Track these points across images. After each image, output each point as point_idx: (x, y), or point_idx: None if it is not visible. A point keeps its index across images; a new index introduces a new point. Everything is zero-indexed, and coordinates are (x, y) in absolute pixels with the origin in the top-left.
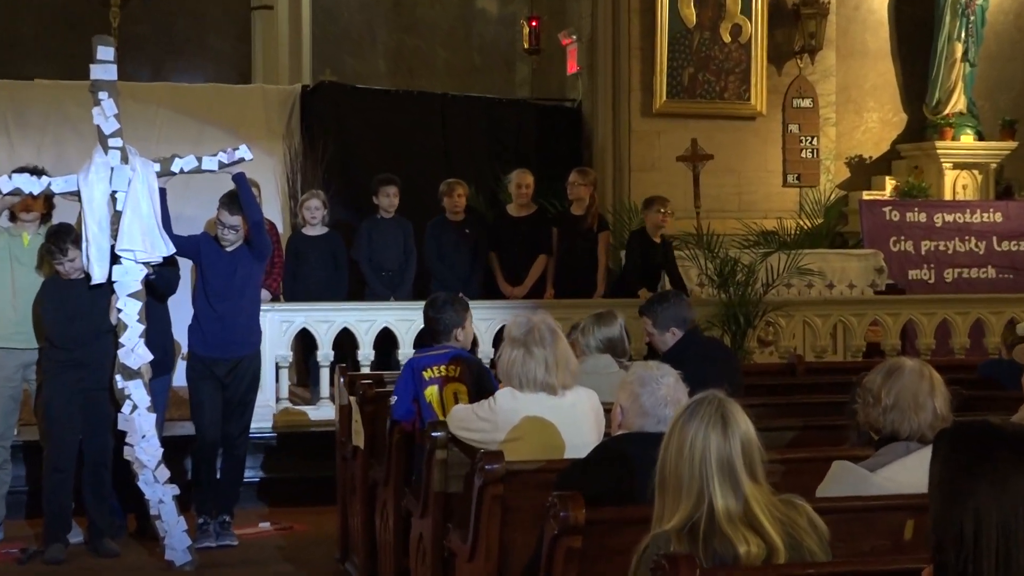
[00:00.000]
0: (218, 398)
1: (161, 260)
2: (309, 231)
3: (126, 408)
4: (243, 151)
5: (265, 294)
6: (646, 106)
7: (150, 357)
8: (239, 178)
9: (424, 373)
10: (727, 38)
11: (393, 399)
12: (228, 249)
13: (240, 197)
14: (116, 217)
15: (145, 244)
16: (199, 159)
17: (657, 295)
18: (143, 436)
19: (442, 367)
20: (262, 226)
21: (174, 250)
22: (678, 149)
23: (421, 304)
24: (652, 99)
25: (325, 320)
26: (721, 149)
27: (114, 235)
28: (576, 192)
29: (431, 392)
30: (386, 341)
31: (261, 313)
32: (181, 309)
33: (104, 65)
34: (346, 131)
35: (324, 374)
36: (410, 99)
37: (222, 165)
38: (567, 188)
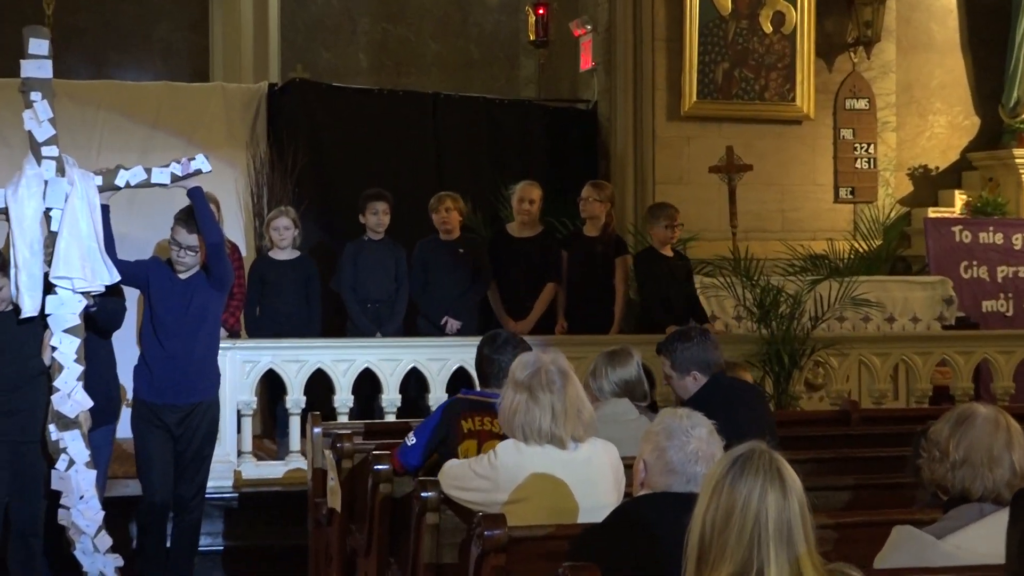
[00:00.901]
0: (169, 452)
1: (103, 289)
2: (277, 255)
3: (61, 464)
4: (200, 161)
5: (221, 331)
6: (673, 108)
7: (90, 404)
8: (195, 193)
9: (463, 423)
10: (768, 28)
11: (409, 439)
12: (183, 276)
13: (197, 216)
14: (51, 239)
15: (84, 271)
16: (148, 171)
17: (679, 331)
18: (81, 497)
19: (487, 419)
20: (222, 249)
21: (118, 277)
22: (711, 159)
23: (411, 343)
24: (680, 100)
25: (296, 360)
26: (761, 158)
27: (48, 260)
28: (590, 209)
29: (467, 448)
30: (366, 384)
31: (220, 352)
32: (126, 347)
33: (37, 61)
34: (321, 137)
35: (294, 424)
36: (396, 100)
37: (175, 178)
38: (579, 204)
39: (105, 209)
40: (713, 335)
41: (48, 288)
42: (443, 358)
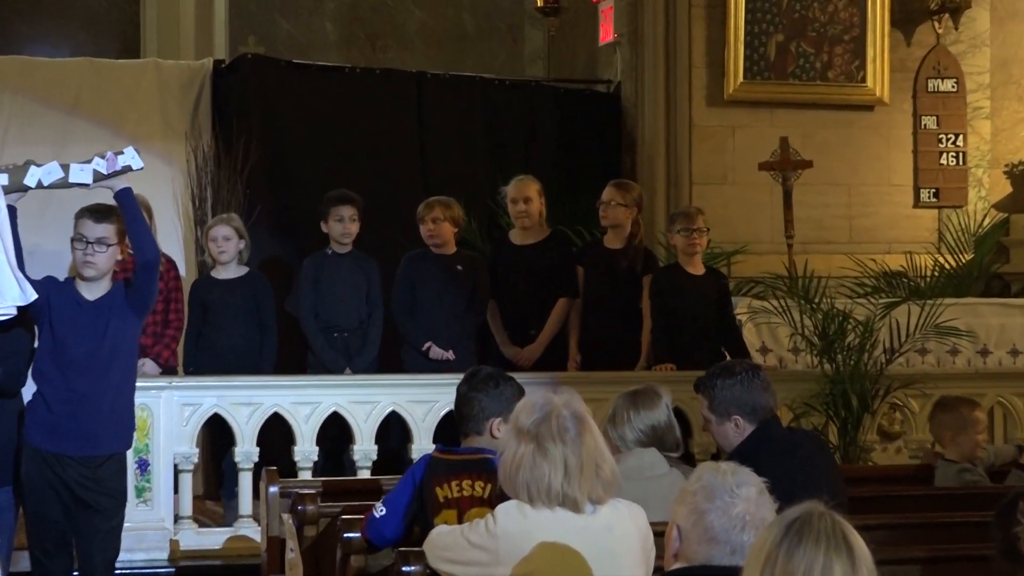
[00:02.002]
0: (64, 513)
1: (15, 313)
2: (220, 273)
3: None
4: (130, 156)
5: (152, 366)
6: (715, 91)
7: None
8: (125, 196)
9: (437, 490)
10: None
11: (378, 510)
12: (90, 297)
13: (127, 225)
14: None
15: None
16: (65, 168)
17: (722, 366)
18: None
19: (465, 482)
20: (156, 269)
21: (35, 295)
22: (761, 154)
23: (389, 380)
24: (723, 81)
25: (247, 402)
26: (824, 153)
27: None
28: (612, 216)
29: (444, 522)
30: (334, 432)
31: (153, 393)
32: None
33: None
34: (279, 127)
35: (245, 481)
36: (371, 80)
37: (99, 177)
38: (599, 210)
39: (11, 212)
40: (764, 373)
41: None
42: (430, 399)
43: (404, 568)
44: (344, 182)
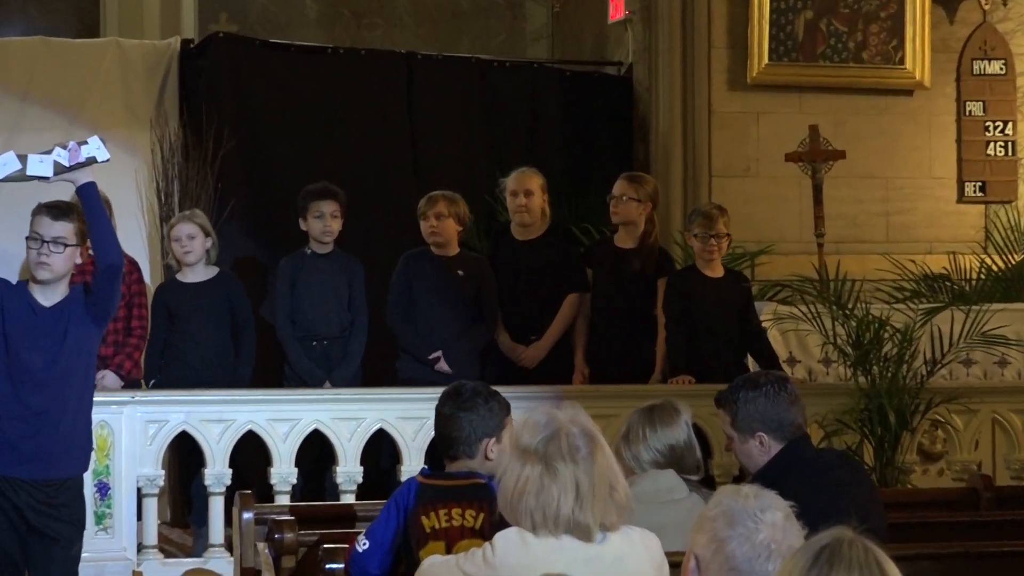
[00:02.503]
0: (17, 545)
1: None
2: (187, 275)
3: None
4: (95, 147)
5: (113, 379)
6: (737, 73)
7: None
8: (88, 192)
9: (423, 519)
10: None
11: (360, 543)
12: (46, 303)
13: (90, 224)
14: None
15: None
16: (22, 159)
17: (746, 378)
18: None
19: (455, 510)
20: (119, 275)
21: None
22: (788, 143)
23: (376, 395)
24: (746, 62)
25: (218, 419)
26: (858, 142)
27: None
28: (624, 212)
29: (432, 554)
30: (315, 449)
31: (114, 409)
32: None
33: None
34: (254, 113)
35: (216, 507)
36: (356, 62)
37: (61, 169)
38: (609, 206)
39: None
40: (792, 386)
41: None
42: (421, 416)
43: None
44: (326, 174)
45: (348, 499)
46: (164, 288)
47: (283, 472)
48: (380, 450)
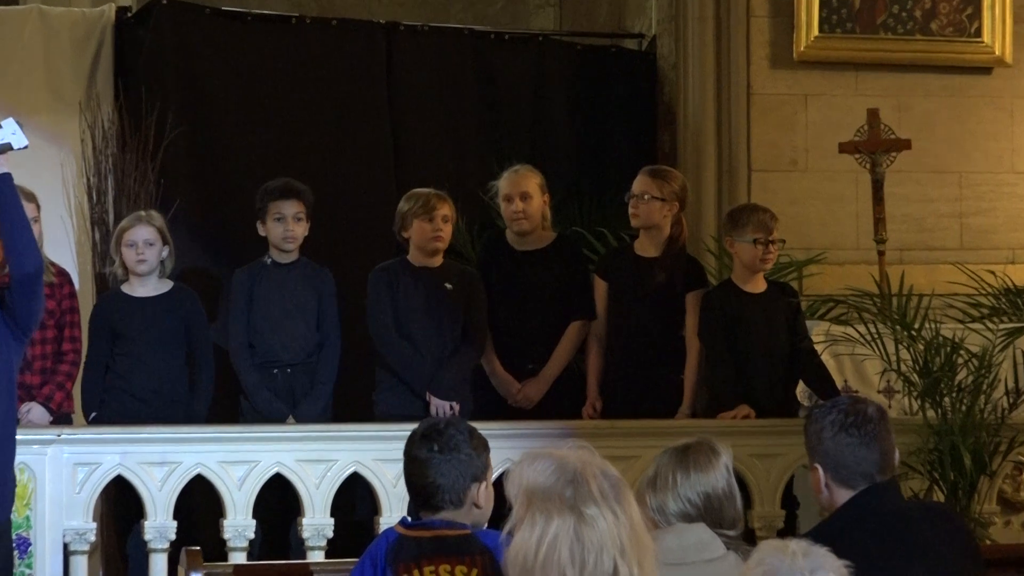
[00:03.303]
0: None
1: None
2: (137, 288)
3: None
4: (8, 131)
5: (41, 413)
6: (781, 48)
7: None
8: (2, 185)
9: None
10: None
11: None
12: None
13: (3, 222)
14: None
15: None
16: None
17: (833, 400)
18: None
19: (442, 567)
20: (39, 284)
21: None
22: (843, 131)
23: (349, 432)
24: (793, 34)
25: (160, 460)
26: (926, 130)
27: None
28: (646, 213)
29: None
30: (274, 495)
31: (36, 449)
32: None
33: None
34: (203, 95)
35: (158, 565)
36: (327, 33)
37: None
38: (628, 206)
39: None
40: (877, 425)
41: None
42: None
43: None
44: (289, 169)
45: (316, 557)
46: (108, 303)
47: (238, 524)
48: (355, 498)
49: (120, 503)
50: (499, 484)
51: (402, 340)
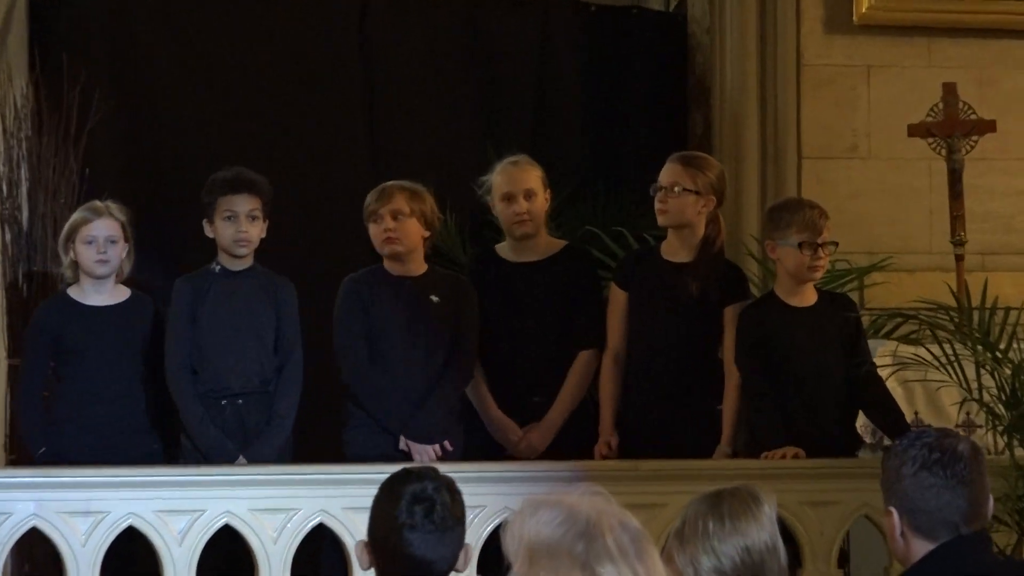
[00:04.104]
0: None
1: None
2: (89, 295)
3: None
4: None
5: None
6: (838, 10)
7: None
8: None
9: None
10: None
11: None
12: None
13: None
14: None
15: None
16: None
17: (917, 431)
18: None
19: None
20: None
21: None
22: (912, 110)
23: (314, 474)
24: None
25: (83, 510)
26: (1014, 109)
27: None
28: (677, 209)
29: None
30: (222, 549)
31: None
32: None
33: None
34: (138, 69)
35: None
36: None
37: None
38: (654, 201)
39: None
40: (968, 466)
41: None
42: None
43: None
44: (243, 157)
45: None
46: (53, 311)
47: None
48: (319, 555)
49: (36, 561)
50: (495, 537)
51: (373, 368)
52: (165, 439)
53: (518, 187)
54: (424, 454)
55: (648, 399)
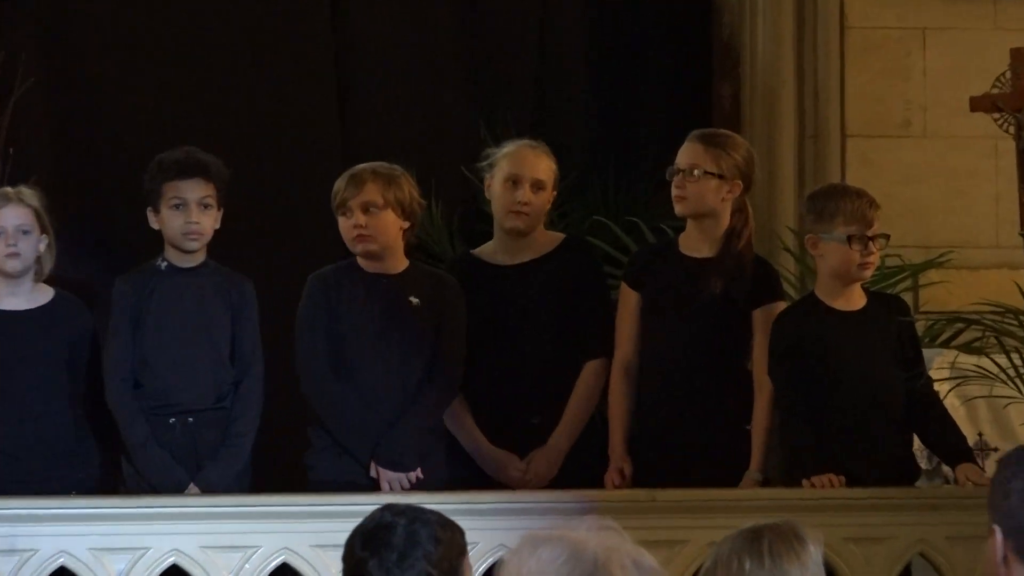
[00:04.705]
0: None
1: None
2: (2, 296)
3: None
4: None
5: None
6: None
7: None
8: None
9: None
10: None
11: None
12: None
13: None
14: None
15: None
16: None
17: (1015, 450)
18: None
19: None
20: None
21: None
22: (976, 80)
23: (270, 506)
24: None
25: (7, 548)
26: None
27: None
28: (697, 196)
29: None
30: None
31: None
32: None
33: None
34: (72, 32)
35: None
36: None
37: None
38: (671, 186)
39: None
40: None
41: None
42: None
43: None
44: (194, 136)
45: None
46: None
47: None
48: None
49: None
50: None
51: (339, 383)
52: (103, 464)
53: (528, 173)
54: (395, 483)
55: (665, 417)
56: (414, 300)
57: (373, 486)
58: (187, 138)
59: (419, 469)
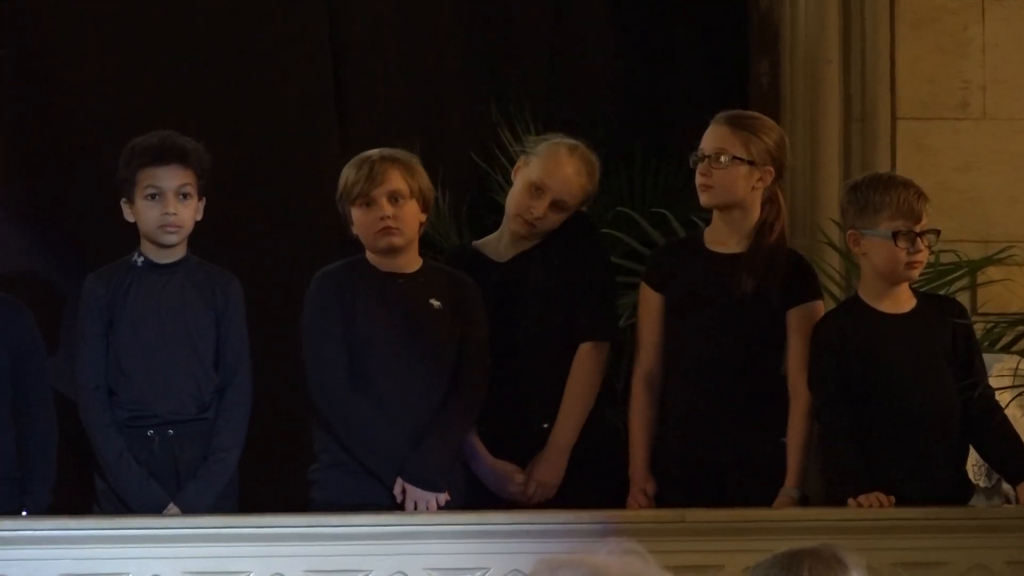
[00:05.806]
0: None
1: None
2: None
3: None
4: None
5: None
6: None
7: None
8: None
9: None
10: None
11: None
12: None
13: None
14: None
15: None
16: None
17: None
18: None
19: None
20: None
21: None
22: None
23: (262, 529)
24: None
25: None
26: None
27: None
28: (724, 184)
29: None
30: None
31: None
32: None
33: None
34: (38, 12)
35: None
36: None
37: None
38: (696, 174)
39: None
40: None
41: None
42: (355, 569)
43: None
44: (173, 119)
45: None
46: None
47: None
48: None
49: None
50: None
51: (359, 395)
52: (66, 483)
53: (555, 188)
54: (423, 503)
55: (692, 430)
56: (435, 303)
57: (389, 506)
58: (167, 123)
59: (442, 497)
